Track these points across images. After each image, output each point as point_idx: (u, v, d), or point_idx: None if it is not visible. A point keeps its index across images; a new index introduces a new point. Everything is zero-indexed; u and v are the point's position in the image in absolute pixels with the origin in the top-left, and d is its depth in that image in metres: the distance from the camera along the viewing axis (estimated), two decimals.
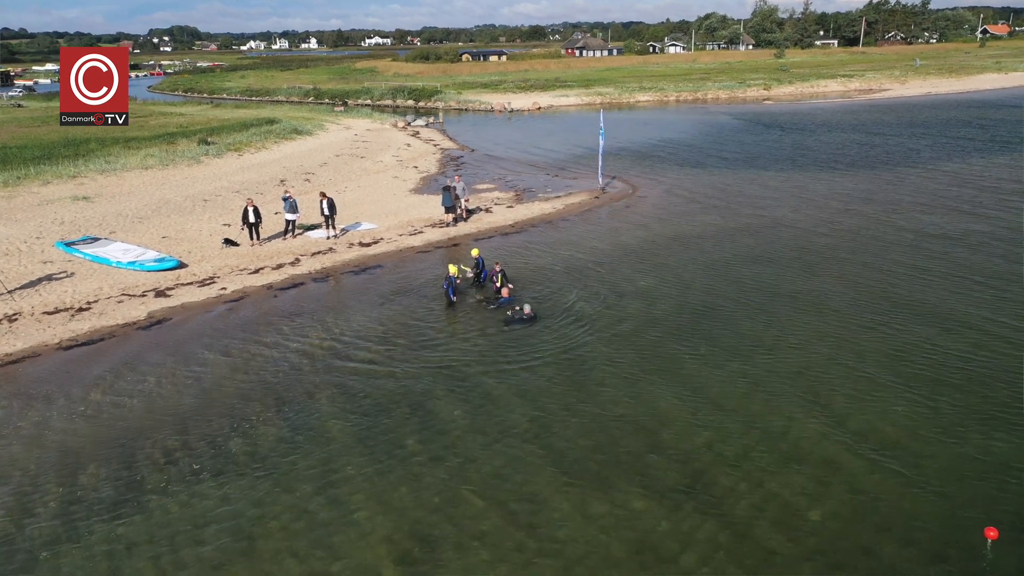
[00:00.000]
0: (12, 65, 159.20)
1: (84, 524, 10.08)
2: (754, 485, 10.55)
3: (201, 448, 11.88)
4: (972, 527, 9.50)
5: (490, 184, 33.53)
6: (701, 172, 35.54)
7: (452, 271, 18.10)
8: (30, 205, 27.74)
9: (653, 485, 10.60)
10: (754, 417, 12.38)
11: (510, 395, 13.33)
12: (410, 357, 15.08)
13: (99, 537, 9.81)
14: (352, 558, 9.35)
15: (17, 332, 16.60)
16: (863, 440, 11.60)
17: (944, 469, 10.82)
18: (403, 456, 11.51)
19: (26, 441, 12.25)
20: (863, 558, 9.13)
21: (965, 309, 16.86)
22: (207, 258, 22.00)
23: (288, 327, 16.91)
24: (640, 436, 11.89)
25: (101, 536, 9.83)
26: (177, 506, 10.42)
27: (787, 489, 10.44)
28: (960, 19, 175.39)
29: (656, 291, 18.57)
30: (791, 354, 14.80)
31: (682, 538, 9.53)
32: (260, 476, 11.07)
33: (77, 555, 9.49)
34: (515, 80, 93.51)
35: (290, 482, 10.90)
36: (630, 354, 14.94)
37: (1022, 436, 11.54)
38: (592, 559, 9.22)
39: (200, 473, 11.19)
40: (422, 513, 10.15)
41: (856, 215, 25.99)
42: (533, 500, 10.36)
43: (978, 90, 76.32)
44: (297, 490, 10.71)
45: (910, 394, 12.99)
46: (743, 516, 9.91)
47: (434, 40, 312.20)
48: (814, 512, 9.98)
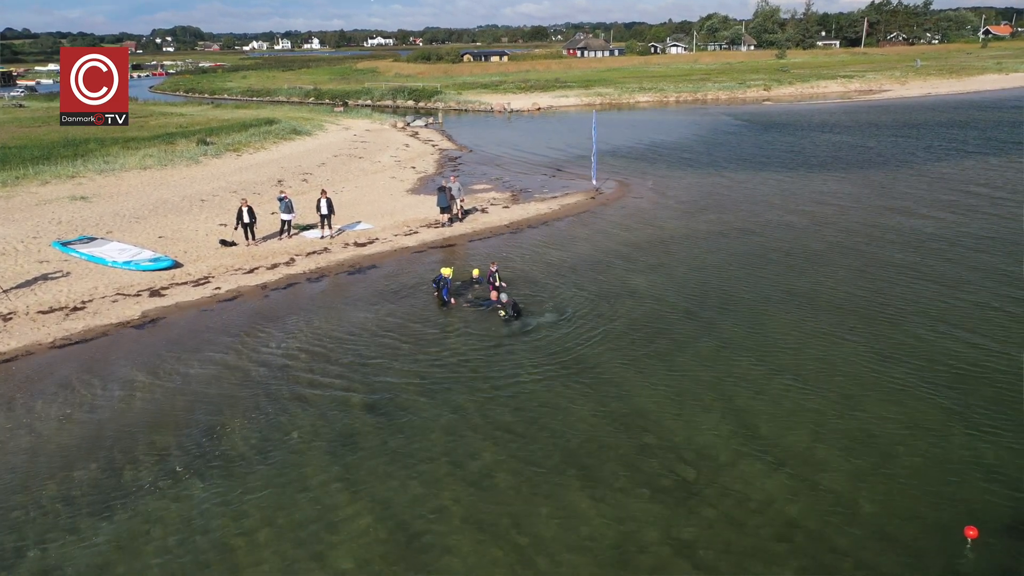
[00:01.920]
0: (14, 65, 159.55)
1: (70, 520, 10.16)
2: (739, 482, 10.62)
3: (189, 446, 11.96)
4: (953, 527, 9.56)
5: (487, 184, 33.61)
6: (697, 173, 35.60)
7: (446, 273, 18.16)
8: (28, 205, 27.86)
9: (643, 481, 10.66)
10: (742, 414, 12.44)
11: (500, 393, 13.40)
12: (401, 355, 15.16)
13: (86, 533, 9.90)
14: (338, 556, 9.43)
15: (11, 331, 16.71)
16: (848, 439, 11.66)
17: (927, 469, 10.87)
18: (390, 453, 11.58)
19: (13, 437, 12.34)
20: (843, 557, 9.19)
21: (960, 308, 16.90)
22: (202, 258, 22.10)
23: (280, 326, 17.00)
24: (631, 433, 11.95)
25: (88, 532, 9.92)
26: (166, 501, 10.51)
27: (770, 487, 10.51)
28: (962, 20, 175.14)
29: (649, 290, 18.64)
30: (782, 353, 14.86)
31: (666, 533, 9.59)
32: (244, 474, 11.15)
33: (64, 551, 9.57)
34: (515, 81, 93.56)
35: (277, 479, 10.98)
36: (622, 352, 15.00)
37: (1007, 438, 11.59)
38: (578, 555, 9.29)
39: (185, 471, 11.27)
40: (409, 508, 10.23)
41: (848, 215, 26.03)
42: (520, 497, 10.44)
43: (978, 91, 76.26)
44: (286, 486, 10.79)
45: (900, 394, 13.05)
46: (728, 513, 9.97)
47: (436, 40, 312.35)
48: (792, 508, 10.05)
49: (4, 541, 9.82)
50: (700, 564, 9.12)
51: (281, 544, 9.63)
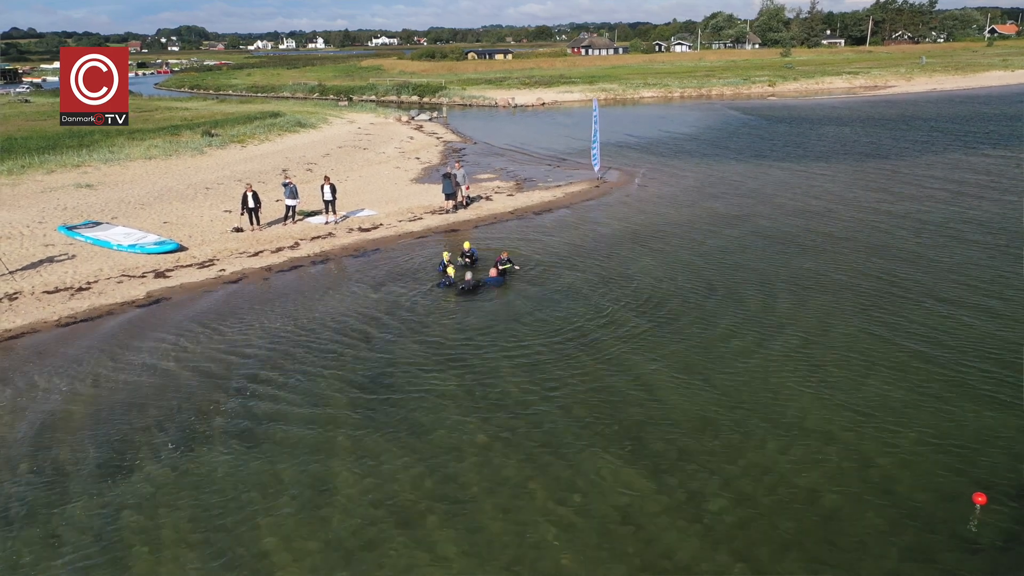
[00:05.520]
0: (21, 64, 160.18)
1: (67, 490, 10.16)
2: (743, 453, 10.57)
3: (190, 420, 11.94)
4: (962, 494, 9.50)
5: (491, 174, 33.59)
6: (700, 163, 35.51)
7: (446, 257, 18.33)
8: (33, 192, 27.93)
9: (643, 452, 10.62)
10: (748, 390, 12.38)
11: (501, 368, 13.37)
12: (404, 332, 15.13)
13: (86, 503, 9.90)
14: (334, 528, 9.41)
15: (17, 310, 16.73)
16: (854, 412, 11.60)
17: (935, 439, 10.80)
18: (392, 427, 11.55)
19: (17, 409, 12.35)
20: (851, 524, 9.12)
21: (964, 287, 16.81)
22: (207, 242, 22.11)
23: (284, 304, 17.00)
24: (631, 408, 11.91)
25: (89, 502, 9.92)
26: (165, 469, 10.51)
27: (776, 457, 10.46)
28: (968, 19, 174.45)
29: (651, 273, 18.58)
30: (787, 330, 14.78)
31: (669, 502, 9.56)
32: (242, 448, 11.14)
33: (63, 518, 9.57)
34: (519, 76, 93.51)
35: (278, 453, 10.97)
36: (624, 329, 14.95)
37: (1013, 410, 11.51)
38: (577, 529, 9.26)
39: (185, 444, 11.25)
40: (412, 483, 10.20)
41: (852, 202, 25.92)
42: (520, 471, 10.41)
43: (983, 87, 76.02)
44: (285, 461, 10.77)
45: (906, 368, 12.98)
46: (733, 482, 9.93)
47: (440, 40, 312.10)
48: (800, 478, 9.99)
49: (8, 507, 9.82)
50: (707, 534, 9.06)
51: (279, 502, 9.62)
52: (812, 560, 8.56)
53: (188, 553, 8.85)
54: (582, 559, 8.63)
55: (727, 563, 8.51)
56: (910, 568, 8.42)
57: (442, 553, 8.75)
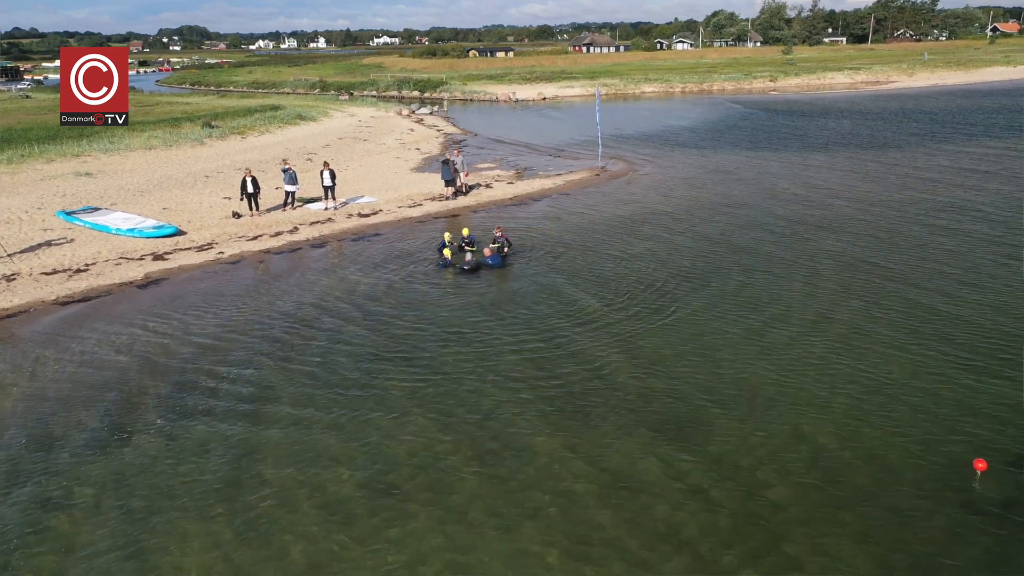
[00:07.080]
0: (23, 62, 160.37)
1: (62, 461, 10.12)
2: (745, 423, 10.50)
3: (183, 394, 11.89)
4: (962, 461, 9.43)
5: (491, 164, 33.54)
6: (699, 153, 35.42)
7: (447, 238, 18.27)
8: (33, 180, 27.92)
9: (646, 422, 10.56)
10: (747, 363, 12.32)
11: (497, 345, 13.31)
12: (402, 312, 15.07)
13: (82, 474, 9.85)
14: (327, 495, 9.36)
15: (15, 290, 16.69)
16: (855, 383, 11.53)
17: (936, 408, 10.74)
18: (389, 400, 11.50)
19: (15, 383, 12.31)
20: (854, 493, 9.04)
21: (962, 268, 16.72)
22: (206, 227, 22.07)
23: (282, 284, 16.96)
24: (628, 383, 11.85)
25: (84, 474, 9.87)
26: (161, 440, 10.46)
27: (778, 428, 10.39)
28: (970, 17, 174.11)
29: (649, 255, 18.49)
30: (788, 308, 14.71)
31: (670, 471, 9.50)
32: (239, 423, 11.09)
33: (63, 485, 9.53)
34: (521, 72, 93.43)
35: (272, 426, 10.92)
36: (626, 308, 14.88)
37: (1013, 382, 11.44)
38: (573, 496, 9.20)
39: (178, 418, 11.21)
40: (419, 447, 10.16)
41: (851, 190, 25.83)
42: (519, 442, 10.35)
43: (985, 82, 75.84)
44: (279, 432, 10.72)
45: (906, 342, 12.91)
46: (733, 453, 9.87)
47: (442, 40, 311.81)
48: (803, 447, 9.92)
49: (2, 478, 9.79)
50: (708, 503, 9.00)
51: (282, 469, 9.57)
52: (817, 534, 8.49)
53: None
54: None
55: (733, 541, 8.45)
56: (914, 531, 8.36)
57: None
